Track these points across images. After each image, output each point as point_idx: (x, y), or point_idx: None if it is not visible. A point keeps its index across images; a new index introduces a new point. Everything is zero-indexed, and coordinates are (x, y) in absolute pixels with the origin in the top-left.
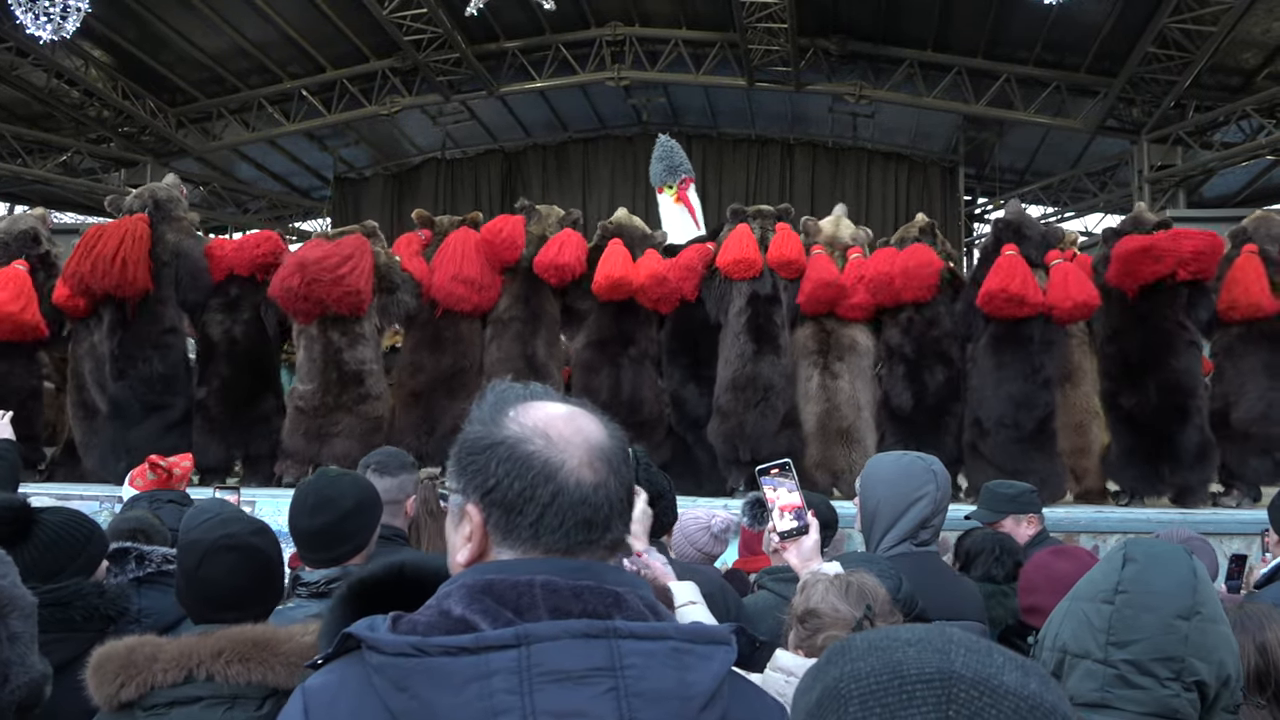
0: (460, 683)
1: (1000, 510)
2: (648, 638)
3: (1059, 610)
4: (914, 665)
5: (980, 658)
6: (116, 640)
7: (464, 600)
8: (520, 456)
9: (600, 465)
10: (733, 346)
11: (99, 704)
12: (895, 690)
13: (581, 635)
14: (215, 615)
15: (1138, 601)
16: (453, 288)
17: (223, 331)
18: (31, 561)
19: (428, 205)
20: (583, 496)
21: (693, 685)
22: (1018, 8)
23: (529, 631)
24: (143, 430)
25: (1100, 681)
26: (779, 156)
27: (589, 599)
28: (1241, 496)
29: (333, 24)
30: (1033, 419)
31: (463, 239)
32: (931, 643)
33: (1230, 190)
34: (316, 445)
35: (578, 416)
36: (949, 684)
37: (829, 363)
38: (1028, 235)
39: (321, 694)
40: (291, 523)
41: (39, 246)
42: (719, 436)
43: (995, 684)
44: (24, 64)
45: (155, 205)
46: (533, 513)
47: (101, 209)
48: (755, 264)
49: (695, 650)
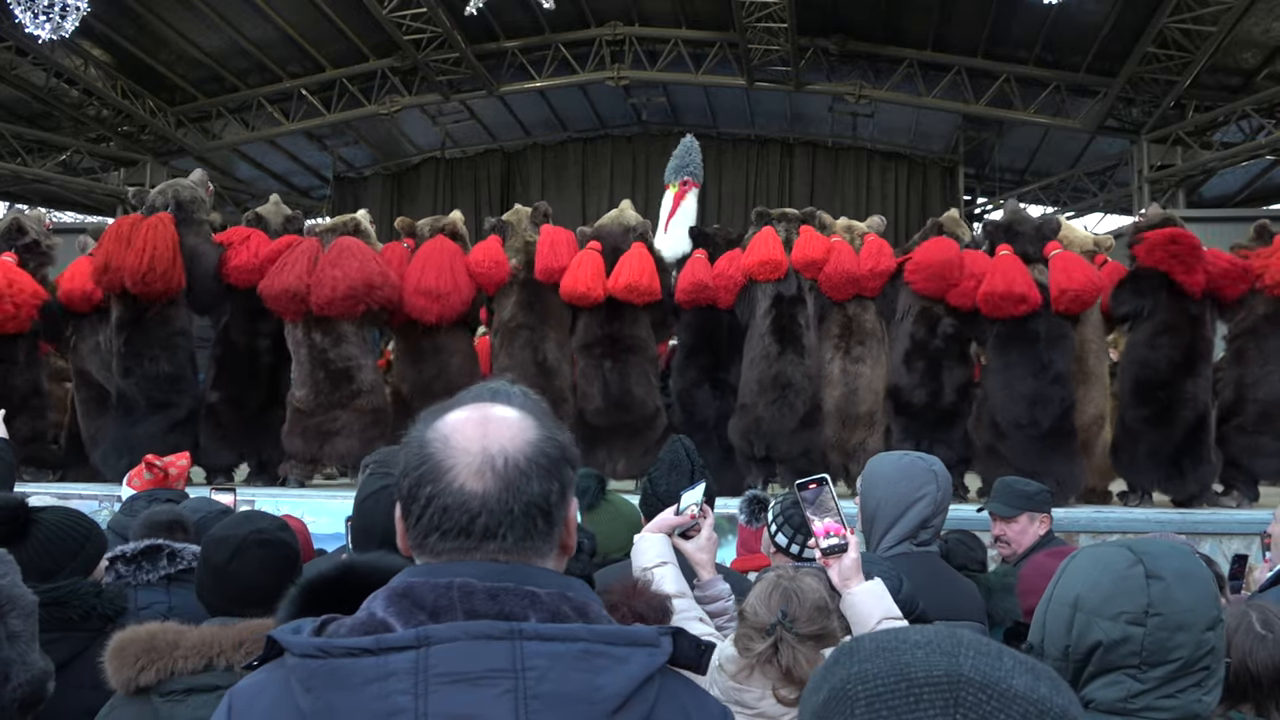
0: (359, 683)
1: (1017, 507)
2: (556, 639)
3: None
4: (921, 667)
5: (989, 661)
6: (138, 625)
7: (385, 602)
8: (416, 456)
9: (490, 475)
10: (757, 346)
11: (116, 686)
12: (902, 693)
13: (481, 636)
14: (239, 611)
15: (1172, 623)
16: (414, 300)
17: (246, 340)
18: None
19: (427, 205)
20: (460, 502)
21: (603, 688)
22: (1017, 7)
23: (428, 633)
24: (147, 428)
25: (1126, 693)
26: (779, 156)
27: (504, 600)
28: (1241, 497)
29: (332, 23)
30: (1050, 416)
31: (429, 248)
32: (940, 645)
33: (1230, 190)
34: (316, 444)
35: (493, 422)
36: (956, 687)
37: (850, 347)
38: (1020, 232)
39: (244, 694)
40: (389, 526)
41: (24, 236)
42: (737, 432)
43: (1004, 688)
44: (23, 63)
45: (178, 205)
46: (415, 512)
47: (102, 208)
48: (780, 265)
49: (609, 653)
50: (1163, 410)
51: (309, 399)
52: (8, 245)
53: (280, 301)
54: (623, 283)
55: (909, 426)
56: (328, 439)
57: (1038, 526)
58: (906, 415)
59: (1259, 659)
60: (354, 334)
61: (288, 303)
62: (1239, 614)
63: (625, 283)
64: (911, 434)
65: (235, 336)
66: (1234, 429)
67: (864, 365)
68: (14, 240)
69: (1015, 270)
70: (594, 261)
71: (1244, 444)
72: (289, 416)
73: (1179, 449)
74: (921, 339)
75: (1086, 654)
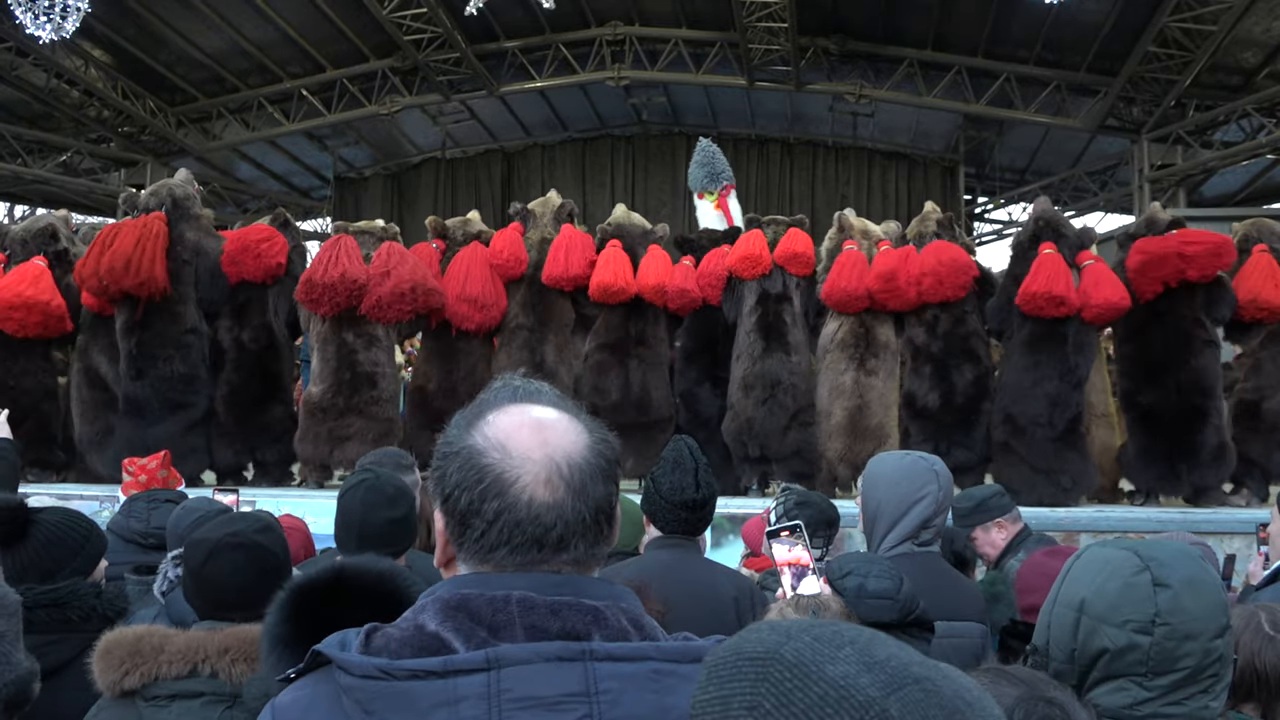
0: (427, 708)
1: (965, 525)
2: (626, 659)
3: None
4: (752, 645)
5: (818, 646)
6: (126, 627)
7: (438, 615)
8: (473, 468)
9: (559, 483)
10: (744, 344)
11: (102, 689)
12: (730, 664)
13: (555, 659)
14: (222, 614)
15: (1180, 632)
16: (457, 306)
17: (231, 339)
18: (29, 561)
19: (428, 205)
20: (533, 515)
21: (671, 709)
22: (1018, 7)
23: (500, 655)
24: (163, 429)
25: (1132, 700)
26: (779, 156)
27: (567, 616)
28: (1251, 495)
29: (333, 24)
30: (1065, 418)
31: (469, 256)
32: (787, 630)
33: (1230, 189)
34: (327, 448)
35: (549, 427)
36: (769, 663)
37: (865, 359)
38: (1065, 234)
39: (290, 711)
40: (366, 517)
41: (56, 243)
42: (730, 434)
43: (812, 669)
44: (24, 64)
45: (173, 203)
46: (478, 527)
47: (102, 209)
48: (762, 261)
49: (677, 671)
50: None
51: (326, 396)
52: (39, 249)
53: (333, 292)
54: (651, 283)
55: (925, 430)
56: (339, 444)
57: (996, 534)
58: (922, 420)
59: (1266, 659)
60: (385, 340)
61: (339, 294)
62: (1248, 614)
63: (654, 283)
64: (929, 438)
65: (220, 336)
66: (1248, 429)
67: (876, 378)
68: (46, 246)
69: (1058, 271)
70: (622, 259)
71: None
72: (302, 419)
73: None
74: (922, 342)
75: (1092, 659)
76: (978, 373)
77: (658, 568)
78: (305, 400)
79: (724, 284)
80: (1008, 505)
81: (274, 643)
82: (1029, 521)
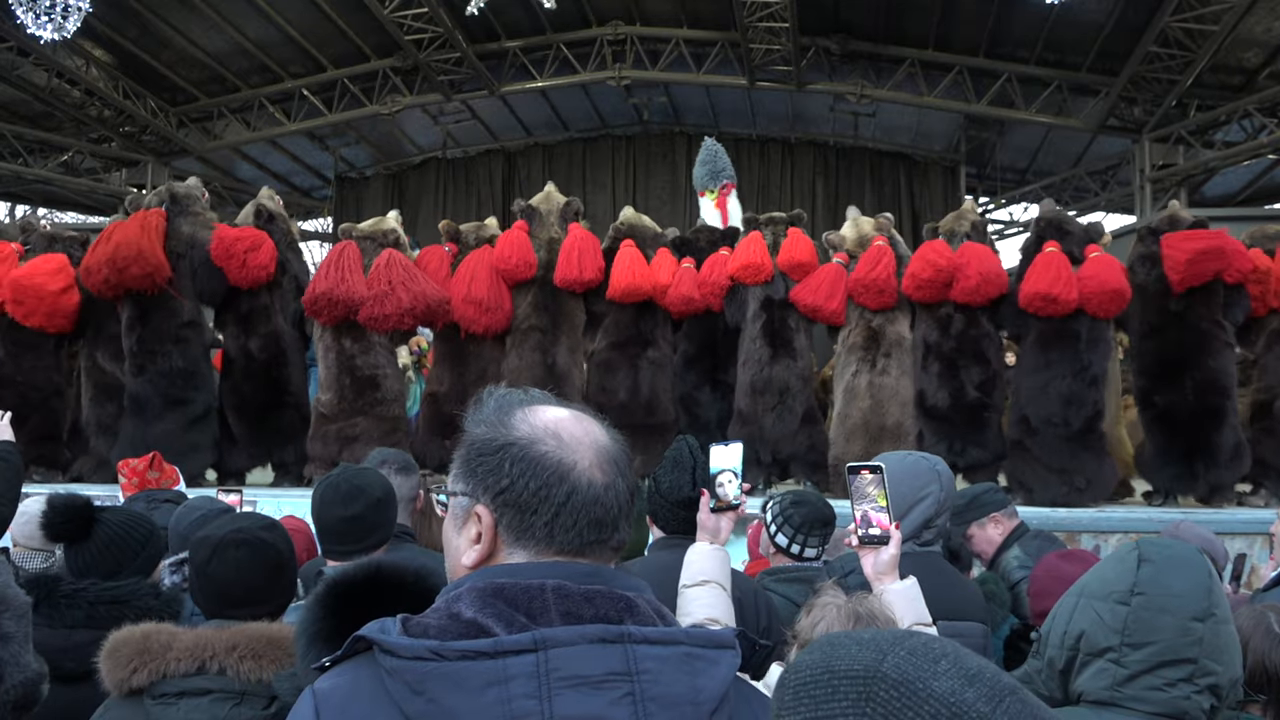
0: (479, 686)
1: (960, 521)
2: (661, 643)
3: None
4: (845, 662)
5: (917, 661)
6: (134, 626)
7: (475, 603)
8: (534, 457)
9: (609, 467)
10: (749, 351)
11: (110, 688)
12: (824, 684)
13: (598, 640)
14: (228, 612)
15: (1155, 604)
16: (463, 309)
17: (239, 347)
18: (92, 559)
19: (428, 205)
20: (595, 496)
21: (703, 690)
22: (1019, 7)
23: (546, 636)
24: (163, 426)
25: (1112, 680)
26: (780, 156)
27: (600, 603)
28: (1269, 495)
29: (334, 23)
30: (1081, 417)
31: (476, 259)
32: (876, 643)
33: (1232, 189)
34: (337, 448)
35: (583, 419)
36: (871, 682)
37: (876, 359)
38: (1069, 231)
39: (333, 696)
40: (321, 514)
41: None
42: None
43: (919, 687)
44: (25, 63)
45: (173, 199)
46: (547, 512)
47: (103, 209)
48: (765, 268)
49: (705, 655)
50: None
51: (333, 403)
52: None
53: (333, 306)
54: (663, 285)
55: (939, 430)
56: (348, 444)
57: (991, 530)
58: (934, 419)
59: (1276, 660)
60: (382, 343)
61: (338, 309)
62: (1257, 616)
63: (665, 285)
64: (943, 437)
65: (227, 344)
66: (1263, 430)
67: (889, 377)
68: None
69: (1055, 270)
70: (640, 260)
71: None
72: (313, 420)
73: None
74: (934, 341)
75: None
76: (985, 375)
77: (661, 569)
78: (315, 406)
79: (726, 292)
80: (1003, 500)
81: (312, 638)
82: (1029, 521)
